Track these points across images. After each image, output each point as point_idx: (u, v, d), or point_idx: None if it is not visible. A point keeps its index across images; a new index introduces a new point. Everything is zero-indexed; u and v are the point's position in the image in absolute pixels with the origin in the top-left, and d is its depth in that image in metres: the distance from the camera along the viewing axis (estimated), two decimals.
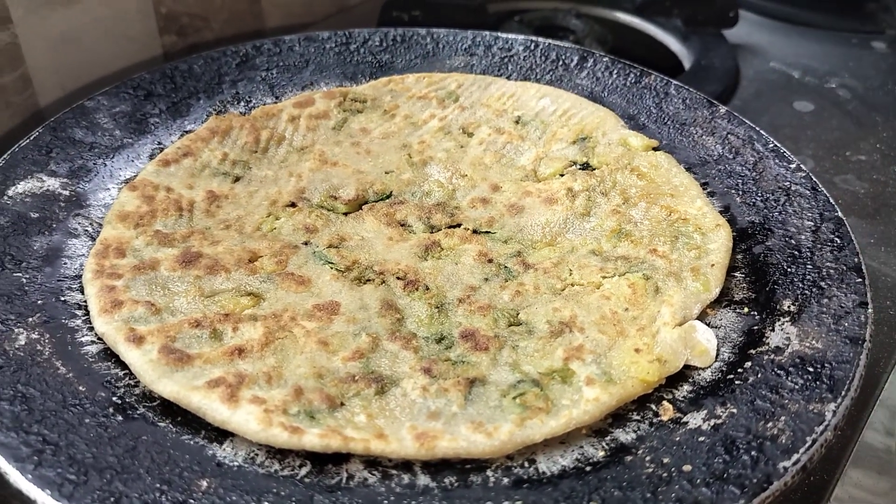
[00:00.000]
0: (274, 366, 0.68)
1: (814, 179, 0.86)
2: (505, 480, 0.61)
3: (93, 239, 0.81)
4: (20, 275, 0.75)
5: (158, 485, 0.58)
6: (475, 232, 0.85)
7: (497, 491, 0.60)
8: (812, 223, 0.81)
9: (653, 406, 0.67)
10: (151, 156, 0.93)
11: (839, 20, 1.48)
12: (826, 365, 0.67)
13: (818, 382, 0.65)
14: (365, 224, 0.86)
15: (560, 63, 1.10)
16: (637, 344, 0.70)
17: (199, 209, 0.85)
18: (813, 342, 0.69)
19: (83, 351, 0.69)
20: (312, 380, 0.67)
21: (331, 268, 0.79)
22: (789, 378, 0.66)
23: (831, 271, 0.76)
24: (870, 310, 0.71)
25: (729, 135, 0.95)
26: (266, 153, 0.94)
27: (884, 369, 0.82)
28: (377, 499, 0.59)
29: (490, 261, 0.81)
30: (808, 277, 0.76)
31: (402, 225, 0.86)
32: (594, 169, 0.92)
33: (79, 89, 1.10)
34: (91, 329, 0.71)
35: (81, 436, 0.61)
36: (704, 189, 0.89)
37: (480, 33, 1.14)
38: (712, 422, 0.64)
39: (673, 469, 0.60)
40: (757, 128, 0.94)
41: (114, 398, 0.65)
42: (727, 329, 0.73)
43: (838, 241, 0.79)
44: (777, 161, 0.89)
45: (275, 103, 1.02)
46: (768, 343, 0.70)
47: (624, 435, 0.64)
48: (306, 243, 0.82)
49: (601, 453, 0.63)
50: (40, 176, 0.86)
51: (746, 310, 0.75)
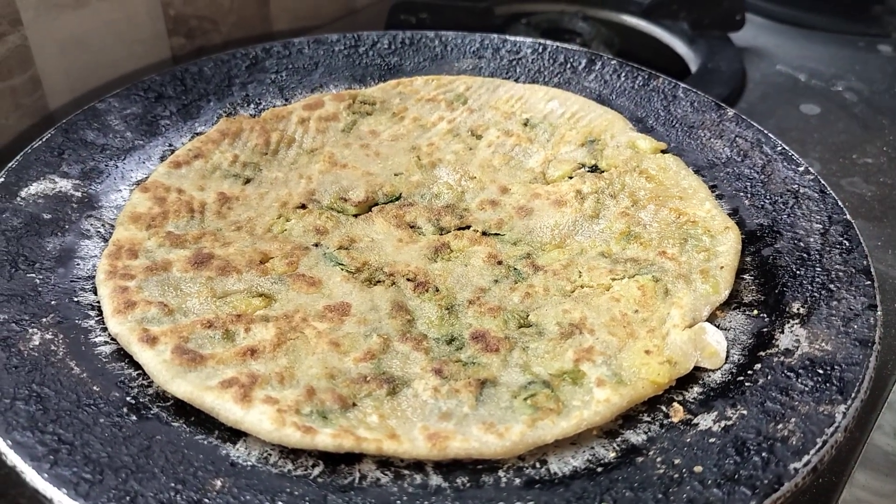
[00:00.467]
0: (286, 366, 0.68)
1: (822, 182, 0.87)
2: (517, 481, 0.61)
3: (105, 240, 0.81)
4: (34, 275, 0.75)
5: (173, 484, 0.58)
6: (484, 234, 0.85)
7: (509, 491, 0.60)
8: (821, 226, 0.82)
9: (663, 407, 0.67)
10: (162, 157, 0.93)
11: (845, 23, 1.48)
12: (836, 367, 0.67)
13: (828, 384, 0.65)
14: (375, 226, 0.86)
15: (568, 66, 1.10)
16: (647, 346, 0.71)
17: (211, 211, 0.86)
18: (822, 344, 0.69)
19: (97, 351, 0.70)
20: (324, 380, 0.67)
21: (341, 269, 0.80)
22: (799, 380, 0.67)
23: (840, 274, 0.76)
24: (879, 312, 0.72)
25: (737, 138, 0.95)
26: (276, 155, 0.95)
27: (892, 371, 0.82)
28: (390, 499, 0.59)
29: (499, 263, 0.81)
30: (817, 280, 0.76)
31: (412, 227, 0.86)
32: (603, 171, 0.92)
33: (88, 91, 1.11)
34: (104, 329, 0.72)
35: (96, 435, 0.61)
36: (713, 192, 0.89)
37: (489, 36, 1.14)
38: (723, 423, 0.64)
39: (684, 470, 0.60)
40: (765, 131, 0.94)
41: (128, 398, 0.66)
42: (736, 331, 0.74)
43: (847, 244, 0.79)
44: (785, 164, 0.90)
45: (284, 105, 1.03)
46: (778, 345, 0.71)
47: (635, 436, 0.65)
48: (317, 245, 0.83)
49: (612, 454, 0.63)
50: (53, 177, 0.86)
51: (756, 312, 0.75)
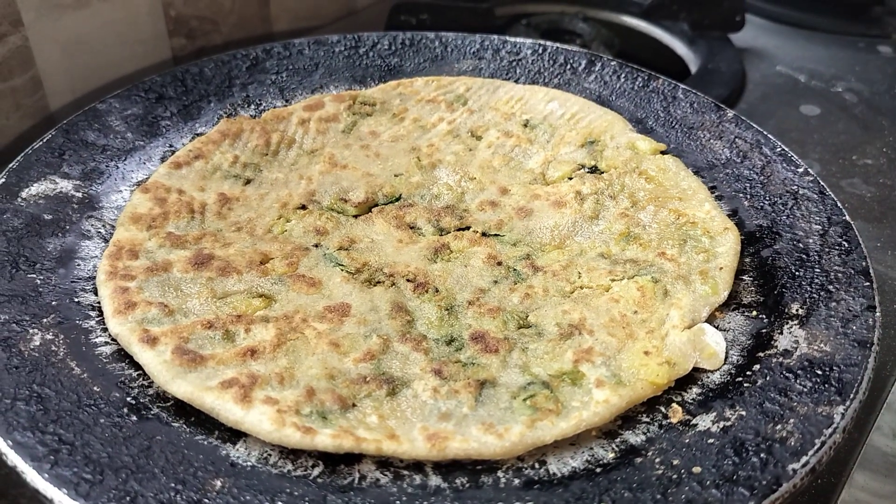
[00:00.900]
0: (286, 367, 0.68)
1: (821, 183, 0.87)
2: (516, 481, 0.61)
3: (106, 241, 0.82)
4: (34, 276, 0.75)
5: (173, 484, 0.58)
6: (484, 235, 0.85)
7: (508, 492, 0.60)
8: (820, 227, 0.82)
9: (662, 408, 0.67)
10: (163, 158, 0.94)
11: (845, 24, 1.49)
12: (834, 368, 0.67)
13: (827, 385, 0.66)
14: (375, 226, 0.86)
15: (568, 67, 1.10)
16: (646, 346, 0.71)
17: (211, 211, 0.86)
18: (821, 345, 0.70)
19: (97, 352, 0.70)
20: (324, 381, 0.67)
21: (341, 270, 0.80)
22: (798, 381, 0.67)
23: (839, 275, 0.76)
24: (878, 313, 0.72)
25: (737, 139, 0.95)
26: (276, 156, 0.95)
27: (891, 372, 0.82)
28: (389, 499, 0.59)
29: (499, 263, 0.81)
30: (816, 281, 0.76)
31: (412, 227, 0.86)
32: (602, 172, 0.93)
33: (89, 92, 1.11)
34: (105, 330, 0.72)
35: (96, 435, 0.61)
36: (712, 193, 0.89)
37: (489, 37, 1.14)
38: (721, 424, 0.64)
39: (683, 471, 0.60)
40: (764, 132, 0.94)
41: (128, 398, 0.66)
42: (735, 332, 0.74)
43: (846, 245, 0.79)
44: (785, 165, 0.90)
45: (285, 106, 1.03)
46: (777, 346, 0.71)
47: (634, 437, 0.65)
48: (317, 245, 0.83)
49: (611, 455, 0.63)
50: (53, 178, 0.87)
51: (755, 313, 0.75)
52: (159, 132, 0.97)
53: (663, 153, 0.95)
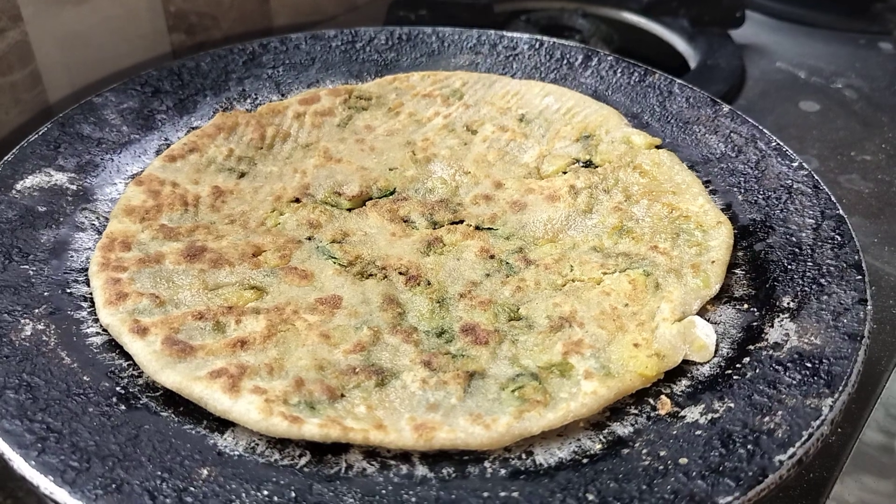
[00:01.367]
0: (276, 357, 0.69)
1: (815, 178, 0.86)
2: (502, 472, 0.61)
3: (99, 233, 0.82)
4: (27, 267, 0.76)
5: (159, 472, 0.58)
6: (478, 228, 0.85)
7: (494, 482, 0.60)
8: (813, 221, 0.82)
9: (651, 400, 0.67)
10: (158, 151, 0.94)
11: (846, 20, 1.48)
12: (824, 360, 0.67)
13: (816, 378, 0.65)
14: (368, 220, 0.86)
15: (564, 62, 1.10)
16: (636, 339, 0.71)
17: (205, 204, 0.86)
18: (811, 338, 0.69)
19: (88, 342, 0.70)
20: (313, 371, 0.67)
21: (334, 262, 0.80)
22: (787, 373, 0.66)
23: (831, 268, 0.76)
24: (869, 306, 0.71)
25: (732, 133, 0.95)
26: (271, 150, 0.95)
27: (885, 368, 0.82)
28: (375, 488, 0.59)
29: (492, 257, 0.81)
30: (809, 274, 0.76)
31: (406, 221, 0.86)
32: (597, 166, 0.93)
33: (88, 86, 1.12)
34: (96, 320, 0.72)
35: (85, 424, 0.62)
36: (707, 187, 0.89)
37: (485, 32, 1.14)
38: (709, 416, 0.64)
39: (669, 462, 0.60)
40: (760, 126, 0.94)
41: (117, 388, 0.66)
42: (726, 325, 0.74)
43: (839, 239, 0.79)
44: (779, 159, 0.90)
45: (280, 100, 1.03)
46: (767, 339, 0.71)
47: (621, 428, 0.65)
48: (310, 238, 0.83)
49: (598, 446, 0.63)
50: (48, 170, 0.87)
51: (746, 306, 0.75)
52: (155, 126, 0.97)
53: (658, 147, 0.94)
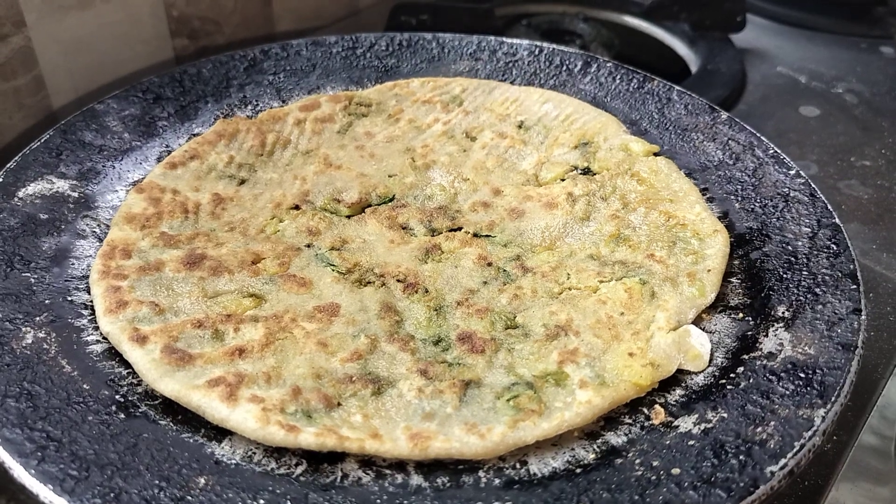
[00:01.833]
0: (273, 366, 0.69)
1: (812, 186, 0.87)
2: (496, 481, 0.62)
3: (100, 240, 0.83)
4: (28, 275, 0.77)
5: (157, 481, 0.59)
6: (476, 235, 0.86)
7: (488, 491, 0.61)
8: (809, 229, 0.82)
9: (645, 409, 0.68)
10: (159, 158, 0.95)
11: (847, 25, 1.48)
12: (817, 371, 0.67)
13: (809, 388, 0.66)
14: (367, 227, 0.87)
15: (564, 68, 1.10)
16: (631, 348, 0.71)
17: (205, 211, 0.87)
18: (805, 348, 0.70)
19: (88, 350, 0.71)
20: (311, 380, 0.68)
21: (332, 270, 0.80)
22: (780, 383, 0.67)
23: (826, 278, 0.76)
24: (863, 316, 0.72)
25: (730, 140, 0.95)
26: (272, 156, 0.96)
27: (882, 375, 0.82)
28: (370, 497, 0.60)
29: (489, 264, 0.82)
30: (804, 284, 0.76)
31: (404, 228, 0.87)
32: (595, 174, 0.93)
33: (91, 92, 1.12)
34: (96, 328, 0.73)
35: (84, 433, 0.62)
36: (704, 195, 0.89)
37: (485, 38, 1.15)
38: (703, 426, 0.65)
39: (662, 472, 0.61)
40: (758, 134, 0.94)
41: (117, 396, 0.67)
42: (721, 334, 0.74)
43: (835, 248, 0.79)
44: (776, 167, 0.90)
45: (281, 107, 1.04)
46: (761, 348, 0.71)
47: (615, 438, 0.65)
48: (309, 245, 0.84)
49: (592, 456, 0.64)
50: (50, 178, 0.88)
51: (741, 315, 0.76)
52: (156, 132, 0.98)
53: (656, 155, 0.95)
